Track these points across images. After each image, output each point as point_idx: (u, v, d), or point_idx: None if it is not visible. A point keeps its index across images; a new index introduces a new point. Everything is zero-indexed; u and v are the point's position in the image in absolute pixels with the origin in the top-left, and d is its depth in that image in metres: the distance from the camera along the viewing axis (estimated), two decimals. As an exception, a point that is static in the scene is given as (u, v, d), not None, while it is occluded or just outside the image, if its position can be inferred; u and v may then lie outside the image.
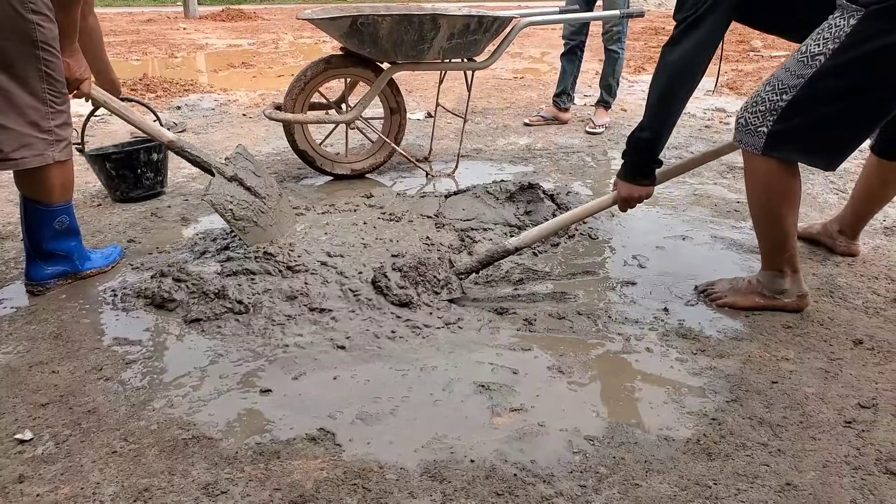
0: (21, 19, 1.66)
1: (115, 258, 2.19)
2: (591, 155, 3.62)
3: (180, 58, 8.08)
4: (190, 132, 4.08)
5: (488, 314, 1.85)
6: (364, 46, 2.87)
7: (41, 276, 1.99)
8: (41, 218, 1.92)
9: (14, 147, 1.75)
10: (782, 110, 1.63)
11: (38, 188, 1.87)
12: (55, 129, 1.82)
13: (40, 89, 1.76)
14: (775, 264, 1.86)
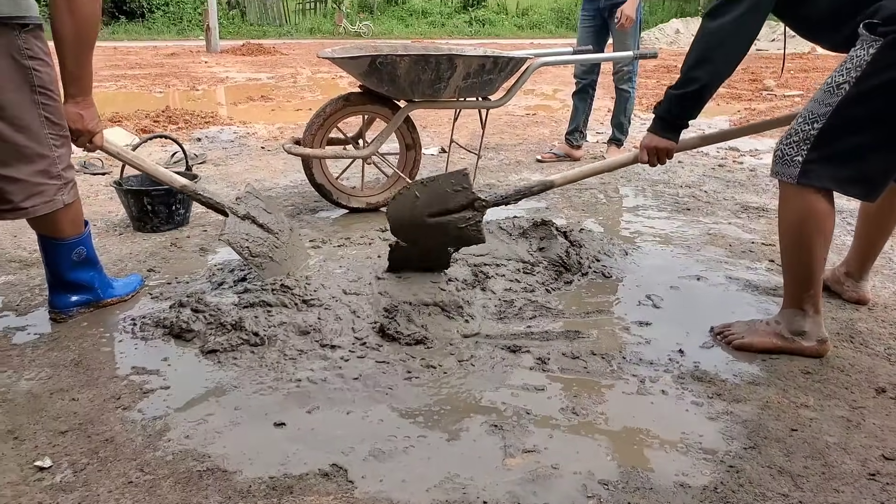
0: (19, 67, 1.66)
1: (135, 287, 2.23)
2: (604, 192, 3.65)
3: (201, 90, 8.26)
4: (210, 164, 4.16)
5: (501, 352, 1.86)
6: (382, 85, 2.94)
7: (64, 304, 2.02)
8: (58, 251, 1.95)
9: (24, 196, 1.76)
10: (814, 139, 1.67)
11: (50, 227, 1.89)
12: (62, 174, 1.82)
13: (44, 136, 1.75)
14: (798, 301, 1.84)
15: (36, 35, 1.69)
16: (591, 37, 4.11)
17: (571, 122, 4.36)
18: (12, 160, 1.71)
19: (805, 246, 1.77)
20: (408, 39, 22.62)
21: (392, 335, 1.88)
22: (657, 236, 2.90)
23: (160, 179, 2.22)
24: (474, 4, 30.54)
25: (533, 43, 20.84)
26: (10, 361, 1.78)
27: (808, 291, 1.82)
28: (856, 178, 1.68)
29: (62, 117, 1.80)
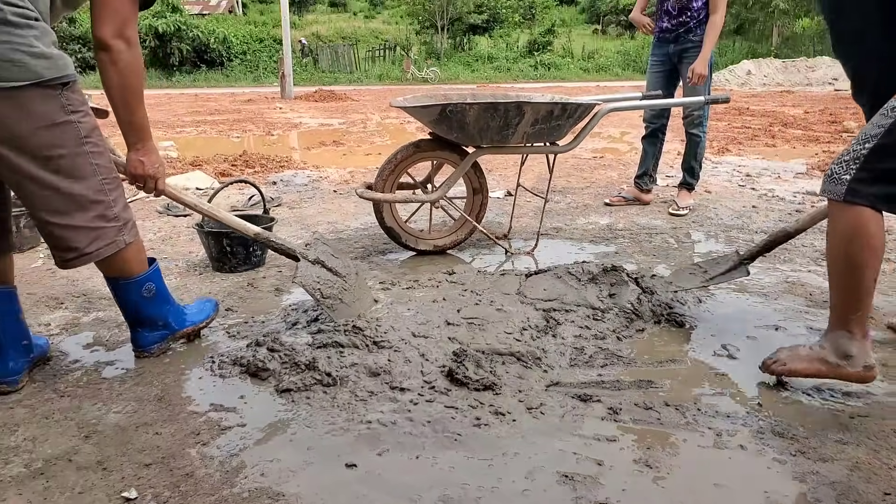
0: (65, 123, 1.72)
1: (209, 313, 2.27)
2: (675, 237, 3.59)
3: (276, 135, 8.63)
4: (285, 206, 4.32)
5: (571, 400, 1.84)
6: (451, 132, 3.01)
7: (145, 342, 2.10)
8: (127, 291, 2.01)
9: (87, 242, 1.82)
10: (864, 158, 1.70)
11: (117, 268, 1.95)
12: (120, 215, 1.88)
13: (97, 182, 1.81)
14: (845, 323, 1.80)
15: (74, 89, 1.76)
16: (661, 81, 4.10)
17: (641, 166, 4.33)
18: (72, 210, 1.78)
19: (852, 265, 1.75)
20: (474, 84, 23.06)
21: (460, 380, 1.89)
22: (732, 284, 2.82)
23: (231, 226, 2.31)
24: (540, 49, 30.95)
25: (599, 86, 20.88)
26: (100, 394, 1.88)
27: (855, 313, 1.78)
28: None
29: (110, 161, 1.87)
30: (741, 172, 5.57)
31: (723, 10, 3.82)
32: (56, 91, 1.70)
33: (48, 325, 2.37)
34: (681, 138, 4.69)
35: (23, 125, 1.66)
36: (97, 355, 2.14)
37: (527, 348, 2.06)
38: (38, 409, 1.80)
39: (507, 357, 2.01)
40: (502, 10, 33.60)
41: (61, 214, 1.77)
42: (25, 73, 1.63)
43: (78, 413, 1.78)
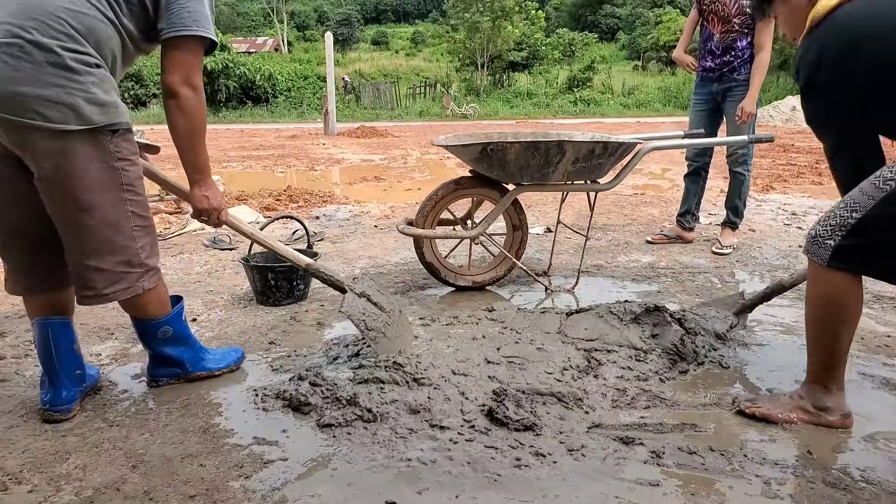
0: (110, 168, 1.79)
1: (230, 362, 2.29)
2: (719, 276, 3.53)
3: (319, 171, 8.82)
4: (327, 241, 4.40)
5: (613, 443, 1.81)
6: (492, 170, 3.05)
7: (154, 374, 2.18)
8: (144, 330, 2.09)
9: (107, 284, 1.88)
10: (851, 227, 1.71)
11: (135, 309, 2.03)
12: (144, 262, 1.94)
13: (129, 229, 1.87)
14: (821, 379, 1.89)
15: (125, 137, 1.83)
16: (704, 120, 4.08)
17: (683, 204, 4.29)
18: (101, 252, 1.84)
19: (830, 328, 1.81)
20: (513, 120, 23.24)
21: (501, 420, 1.88)
22: (778, 326, 2.76)
23: (283, 256, 2.38)
24: (579, 85, 31.09)
25: (639, 122, 20.83)
26: (147, 425, 1.93)
27: (831, 371, 1.87)
28: (885, 268, 1.72)
29: (146, 209, 1.95)
30: (786, 211, 5.47)
31: (769, 49, 3.81)
32: (106, 137, 1.77)
33: (99, 355, 2.44)
34: (724, 175, 4.65)
35: (68, 166, 1.72)
36: (145, 386, 2.20)
37: (568, 389, 2.05)
38: (89, 437, 1.85)
39: (547, 397, 2.00)
40: (542, 48, 33.96)
41: (89, 255, 1.84)
42: (77, 117, 1.70)
43: (126, 443, 1.82)
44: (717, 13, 3.91)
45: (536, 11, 34.07)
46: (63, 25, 1.68)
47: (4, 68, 1.63)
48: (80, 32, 1.70)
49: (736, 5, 3.83)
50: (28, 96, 1.64)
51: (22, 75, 1.63)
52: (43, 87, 1.65)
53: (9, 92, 1.64)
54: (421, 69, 36.83)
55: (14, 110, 1.65)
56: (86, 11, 1.72)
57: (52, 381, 1.96)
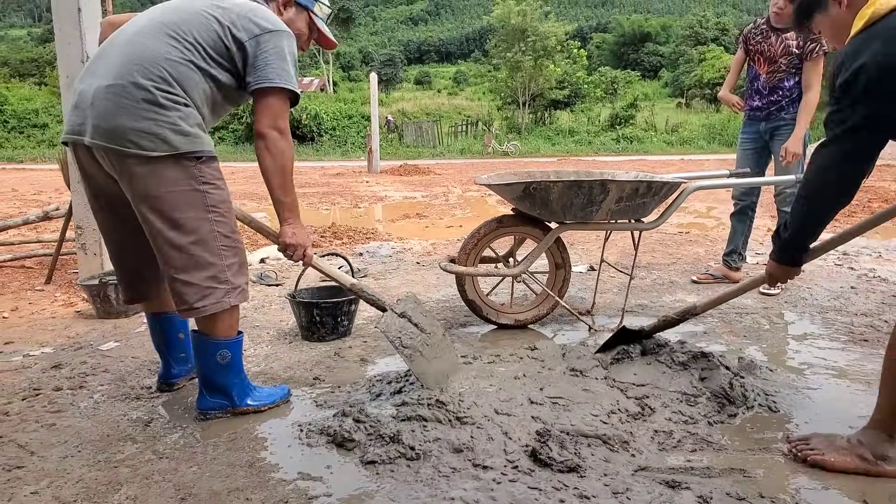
0: (195, 191, 2.02)
1: (275, 399, 2.34)
2: (767, 317, 3.45)
3: (363, 208, 8.97)
4: (370, 277, 4.46)
5: (659, 486, 1.77)
6: (535, 208, 3.07)
7: (204, 405, 2.23)
8: (203, 347, 2.17)
9: (197, 298, 2.05)
10: None
11: (207, 325, 2.14)
12: (230, 279, 2.09)
13: (216, 247, 2.06)
14: (887, 427, 1.83)
15: (208, 164, 2.06)
16: (752, 159, 4.04)
17: (729, 244, 4.23)
18: (189, 267, 2.03)
19: None
20: (554, 157, 23.31)
21: (544, 461, 1.86)
22: (830, 369, 2.68)
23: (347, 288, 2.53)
24: (622, 122, 31.07)
25: (683, 160, 20.65)
26: (195, 458, 1.97)
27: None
28: None
29: (234, 231, 2.12)
30: (838, 251, 5.32)
31: (817, 88, 3.77)
32: (191, 163, 2.01)
33: (149, 387, 2.51)
34: (771, 214, 4.57)
35: (157, 187, 1.97)
36: (193, 419, 2.24)
37: (613, 431, 2.02)
38: (140, 469, 1.90)
39: (592, 439, 1.98)
40: (584, 86, 34.17)
41: (180, 270, 2.04)
42: (164, 145, 1.96)
43: (175, 475, 1.87)
44: (763, 53, 3.91)
45: (578, 50, 34.41)
46: (160, 71, 1.96)
47: (108, 105, 1.94)
48: (174, 77, 1.98)
49: (782, 46, 3.82)
50: (126, 128, 1.93)
51: (122, 110, 1.93)
52: (137, 121, 1.93)
53: (110, 124, 1.94)
54: (463, 108, 37.37)
55: (114, 139, 1.94)
56: (181, 61, 1.99)
57: (163, 360, 2.45)
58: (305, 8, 2.34)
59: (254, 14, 2.08)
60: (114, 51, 2.02)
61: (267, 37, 2.06)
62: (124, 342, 3.07)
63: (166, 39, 1.99)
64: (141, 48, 1.98)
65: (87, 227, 3.80)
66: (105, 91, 1.95)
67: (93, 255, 3.82)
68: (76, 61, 3.66)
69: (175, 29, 2.01)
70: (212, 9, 2.06)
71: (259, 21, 2.07)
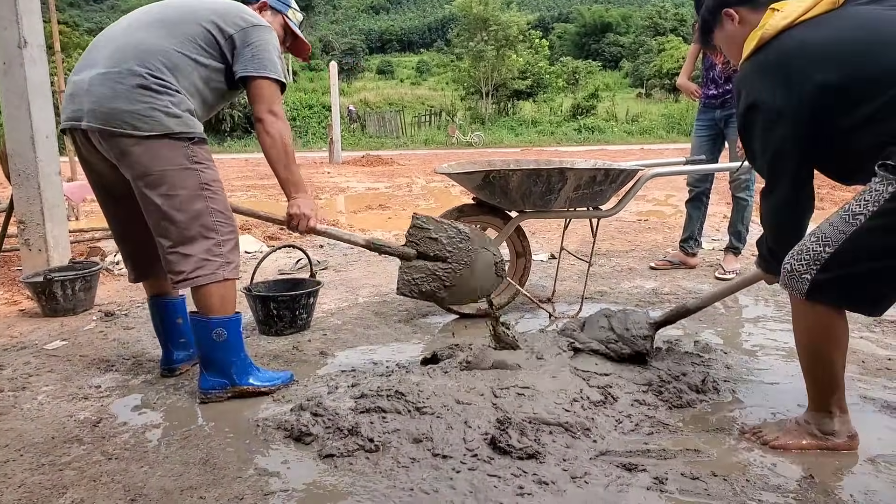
0: (189, 169, 2.14)
1: (276, 382, 2.38)
2: (722, 302, 3.51)
3: (324, 199, 8.87)
4: (331, 269, 4.41)
5: (616, 469, 1.79)
6: (495, 197, 3.07)
7: (204, 385, 2.28)
8: (200, 326, 2.25)
9: (192, 268, 2.17)
10: (825, 261, 1.71)
11: (201, 302, 2.22)
12: (226, 254, 2.22)
13: (211, 222, 2.18)
14: (823, 406, 1.90)
15: (200, 146, 2.18)
16: (706, 146, 4.11)
17: (685, 230, 4.30)
18: (185, 240, 2.16)
19: (821, 357, 1.84)
20: (518, 147, 23.40)
21: (504, 448, 1.86)
22: (781, 350, 2.74)
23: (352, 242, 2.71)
24: (583, 113, 31.34)
25: (643, 149, 20.94)
26: (146, 457, 1.92)
27: (831, 396, 1.88)
28: (861, 299, 1.74)
29: (227, 208, 2.25)
30: (791, 235, 5.45)
31: None
32: (183, 143, 2.14)
33: (98, 387, 2.44)
34: (726, 201, 4.65)
35: (152, 165, 2.10)
36: (145, 417, 2.19)
37: (575, 418, 2.02)
38: (87, 471, 1.84)
39: (554, 427, 1.97)
40: (546, 76, 34.34)
41: (177, 242, 2.16)
42: (158, 126, 2.09)
43: (125, 476, 1.81)
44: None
45: (540, 40, 34.53)
46: (156, 60, 2.11)
47: (104, 90, 2.08)
48: (167, 66, 2.13)
49: None
50: (121, 110, 2.07)
51: (118, 95, 2.07)
52: (132, 104, 2.07)
53: (106, 108, 2.07)
54: (426, 98, 37.25)
55: (109, 122, 2.07)
56: (174, 53, 2.14)
57: (163, 346, 2.55)
58: (280, 12, 2.50)
59: (239, 10, 2.27)
60: (109, 42, 2.18)
61: (252, 30, 2.23)
62: (71, 340, 2.97)
63: (162, 34, 2.15)
64: (136, 40, 2.14)
65: (30, 222, 3.67)
66: (101, 78, 2.09)
67: (37, 252, 3.69)
68: (12, 46, 3.52)
69: (170, 25, 2.17)
70: (204, 10, 2.23)
71: (245, 16, 2.26)
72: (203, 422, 2.15)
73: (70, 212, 6.37)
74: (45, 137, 3.65)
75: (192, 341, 2.52)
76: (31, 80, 3.57)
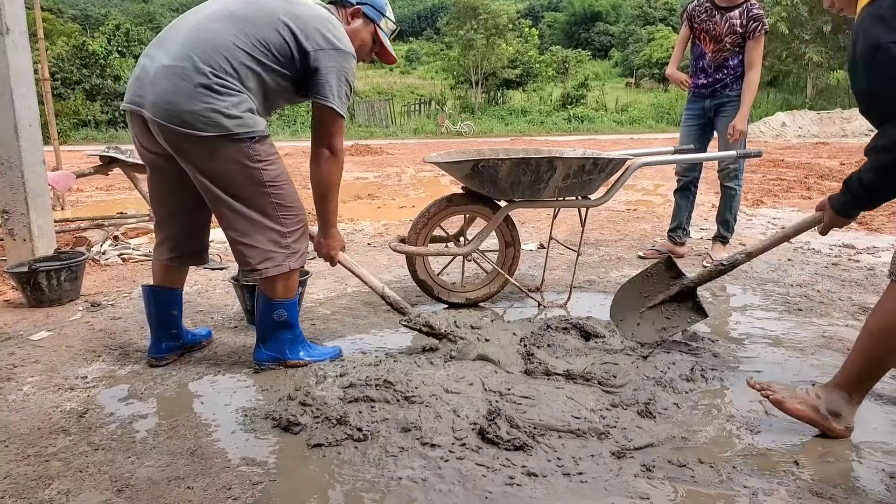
0: (249, 168, 2.15)
1: (325, 356, 2.51)
2: (710, 290, 3.53)
3: (313, 189, 8.79)
4: (320, 259, 4.38)
5: (607, 458, 1.80)
6: (484, 186, 3.06)
7: (259, 356, 2.43)
8: (263, 306, 2.36)
9: (259, 260, 2.23)
10: None
11: (267, 286, 2.31)
12: (291, 245, 2.27)
13: (275, 216, 2.23)
14: (850, 387, 1.88)
15: (261, 143, 2.18)
16: (695, 135, 4.11)
17: (674, 220, 4.31)
18: (251, 231, 2.21)
19: (888, 343, 1.79)
20: (507, 137, 23.36)
21: (492, 439, 1.86)
22: (767, 338, 2.77)
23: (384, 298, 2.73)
24: (573, 102, 31.31)
25: (633, 139, 20.96)
26: (133, 448, 1.91)
27: (867, 383, 1.87)
28: None
29: (294, 200, 2.28)
30: (776, 225, 5.49)
31: (759, 67, 3.85)
32: (244, 143, 2.13)
33: (84, 377, 2.42)
34: (714, 191, 4.67)
35: (212, 163, 2.13)
36: (132, 408, 2.18)
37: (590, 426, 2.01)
38: (73, 462, 1.83)
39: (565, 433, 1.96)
40: (536, 65, 34.24)
41: (242, 234, 2.22)
42: (217, 127, 2.07)
43: (111, 467, 1.80)
44: (708, 32, 3.96)
45: (530, 29, 34.40)
46: (220, 59, 2.07)
47: (166, 84, 2.06)
48: (233, 67, 2.09)
49: (727, 24, 3.87)
50: (181, 109, 2.05)
51: (179, 93, 2.04)
52: (192, 103, 2.04)
53: (168, 104, 2.05)
54: (416, 87, 37.07)
55: (169, 118, 2.06)
56: (243, 54, 2.10)
57: (153, 335, 2.50)
58: (372, 21, 2.46)
59: (325, 28, 2.20)
60: (182, 31, 2.14)
61: (332, 53, 2.18)
62: (57, 331, 2.94)
63: (234, 31, 2.10)
64: (208, 34, 2.10)
65: (14, 211, 3.62)
66: (165, 70, 2.06)
67: (22, 241, 3.65)
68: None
69: (246, 23, 2.12)
70: (285, 14, 2.16)
71: (328, 36, 2.19)
72: (191, 412, 2.14)
73: (55, 201, 6.31)
74: (28, 126, 3.60)
75: (182, 333, 2.57)
76: (13, 68, 3.51)
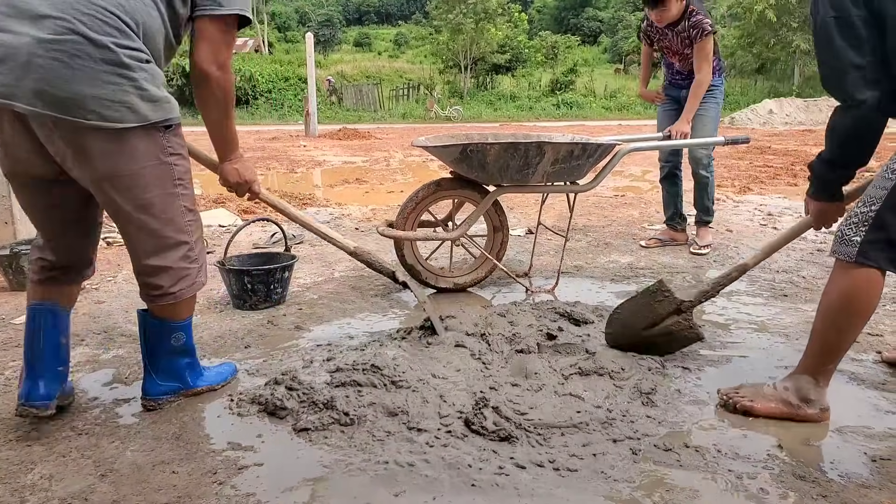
0: (163, 164, 1.79)
1: (226, 377, 2.21)
2: (697, 276, 3.55)
3: (300, 173, 8.76)
4: (307, 244, 4.37)
5: (592, 445, 1.80)
6: (472, 171, 3.04)
7: (155, 391, 2.03)
8: (159, 333, 1.99)
9: (173, 282, 1.89)
10: (871, 221, 1.72)
11: (172, 309, 1.95)
12: (199, 256, 1.95)
13: (184, 224, 1.88)
14: (814, 371, 1.91)
15: (176, 133, 1.83)
16: (670, 121, 4.10)
17: (668, 208, 4.30)
18: (161, 249, 1.85)
19: (841, 323, 1.83)
20: (496, 122, 23.29)
21: (477, 430, 1.85)
22: (753, 324, 2.78)
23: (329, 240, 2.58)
24: (562, 88, 31.25)
25: (621, 125, 20.98)
26: (117, 432, 1.89)
27: (828, 365, 1.90)
28: None
29: (195, 203, 1.94)
30: (763, 211, 5.52)
31: (707, 69, 3.81)
32: (160, 133, 1.77)
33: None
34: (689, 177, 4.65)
35: (125, 164, 1.72)
36: (116, 392, 2.16)
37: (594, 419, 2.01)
38: (56, 447, 1.81)
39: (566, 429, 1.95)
40: (525, 50, 34.11)
41: (151, 254, 1.85)
42: (133, 115, 1.68)
43: (95, 451, 1.79)
44: (669, 48, 4.00)
45: (519, 14, 34.24)
46: (114, 20, 1.63)
47: (59, 67, 1.57)
48: (131, 26, 1.67)
49: (679, 39, 3.88)
50: (85, 96, 1.60)
51: (79, 74, 1.59)
52: (99, 87, 1.61)
53: (64, 91, 1.58)
54: (404, 71, 36.79)
55: (69, 110, 1.60)
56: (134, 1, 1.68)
57: (29, 376, 1.88)
58: None
59: None
60: None
61: None
62: (42, 315, 2.91)
63: None
64: None
65: (-4, 194, 3.57)
66: (47, 47, 1.56)
67: (3, 224, 3.60)
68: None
69: None
70: None
71: None
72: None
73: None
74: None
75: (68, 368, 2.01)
76: None
